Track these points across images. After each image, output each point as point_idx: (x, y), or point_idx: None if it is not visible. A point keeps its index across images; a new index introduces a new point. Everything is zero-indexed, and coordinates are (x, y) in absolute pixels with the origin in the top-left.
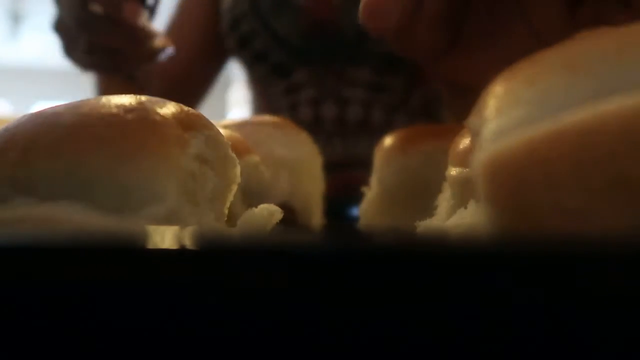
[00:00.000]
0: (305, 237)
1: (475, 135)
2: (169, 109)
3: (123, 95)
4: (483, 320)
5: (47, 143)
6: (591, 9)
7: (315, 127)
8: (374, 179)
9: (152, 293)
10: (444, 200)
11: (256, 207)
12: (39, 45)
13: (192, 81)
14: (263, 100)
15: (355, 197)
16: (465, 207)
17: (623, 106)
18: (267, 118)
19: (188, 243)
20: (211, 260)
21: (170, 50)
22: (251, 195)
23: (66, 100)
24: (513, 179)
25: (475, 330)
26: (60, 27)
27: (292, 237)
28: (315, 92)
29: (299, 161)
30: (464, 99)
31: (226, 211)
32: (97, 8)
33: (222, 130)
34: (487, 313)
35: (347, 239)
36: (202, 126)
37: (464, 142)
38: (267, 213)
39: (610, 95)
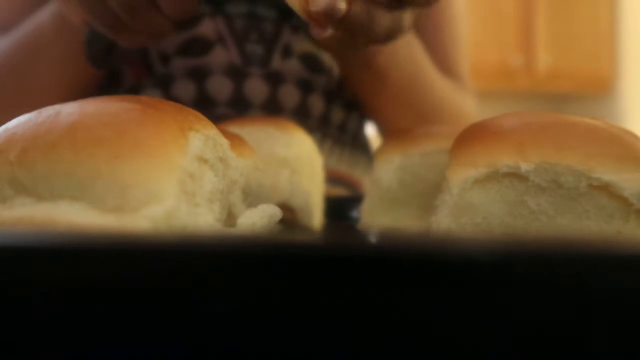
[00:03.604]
0: (303, 238)
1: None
2: (168, 109)
3: (122, 96)
4: (483, 323)
5: (47, 143)
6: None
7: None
8: (374, 180)
9: (150, 292)
10: (443, 200)
11: (256, 207)
12: None
13: None
14: None
15: (356, 197)
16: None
17: None
18: (267, 118)
19: (193, 244)
20: (210, 261)
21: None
22: (251, 195)
23: None
24: None
25: (477, 331)
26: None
27: (290, 238)
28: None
29: (299, 161)
30: None
31: (226, 211)
32: None
33: (221, 130)
34: (487, 314)
35: (342, 241)
36: (202, 126)
37: (463, 142)
38: (267, 213)
39: None
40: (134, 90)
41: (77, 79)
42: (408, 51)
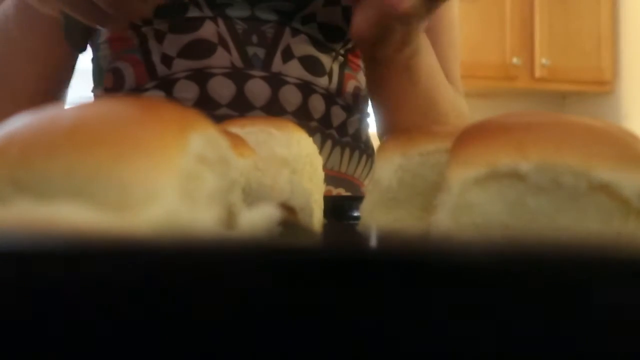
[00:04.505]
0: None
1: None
2: (168, 108)
3: (122, 97)
4: (483, 325)
5: (46, 142)
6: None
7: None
8: (374, 180)
9: (150, 294)
10: (443, 200)
11: (256, 207)
12: None
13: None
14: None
15: (356, 197)
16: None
17: None
18: (268, 118)
19: (187, 245)
20: (209, 263)
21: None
22: (251, 195)
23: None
24: None
25: (475, 336)
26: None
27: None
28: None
29: (299, 161)
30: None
31: (226, 211)
32: None
33: (222, 130)
34: (487, 318)
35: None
36: (202, 126)
37: (463, 141)
38: (267, 213)
39: None
40: (137, 92)
41: (51, 64)
42: (431, 56)
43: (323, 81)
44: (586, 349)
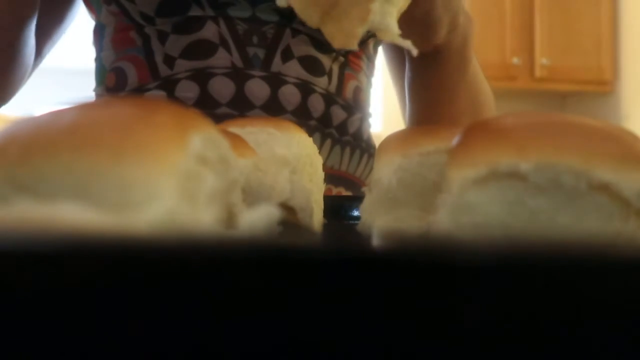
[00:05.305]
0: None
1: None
2: (168, 108)
3: (123, 97)
4: (484, 324)
5: (46, 142)
6: None
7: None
8: (374, 180)
9: (150, 297)
10: (443, 200)
11: (256, 207)
12: None
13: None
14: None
15: (356, 197)
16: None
17: None
18: (268, 118)
19: (187, 245)
20: (209, 263)
21: None
22: (251, 195)
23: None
24: None
25: (476, 334)
26: None
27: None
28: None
29: (299, 161)
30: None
31: (226, 211)
32: None
33: (222, 130)
34: (487, 316)
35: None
36: (202, 126)
37: (463, 141)
38: (267, 213)
39: None
40: (139, 91)
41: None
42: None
43: (322, 81)
44: (586, 348)
